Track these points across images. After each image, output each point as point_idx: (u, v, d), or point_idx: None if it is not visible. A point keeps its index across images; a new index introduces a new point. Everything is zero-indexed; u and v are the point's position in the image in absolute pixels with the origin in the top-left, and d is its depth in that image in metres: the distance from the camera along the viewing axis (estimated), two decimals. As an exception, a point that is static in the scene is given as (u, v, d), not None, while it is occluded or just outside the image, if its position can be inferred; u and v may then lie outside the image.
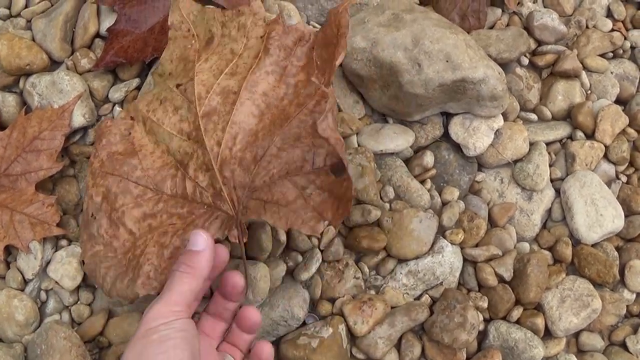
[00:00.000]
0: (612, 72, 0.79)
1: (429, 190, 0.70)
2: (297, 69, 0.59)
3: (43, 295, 0.69)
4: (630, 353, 0.71)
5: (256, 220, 0.54)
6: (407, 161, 0.71)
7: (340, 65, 0.69)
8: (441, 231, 0.69)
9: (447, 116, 0.72)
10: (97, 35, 0.74)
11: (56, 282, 0.69)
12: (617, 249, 0.73)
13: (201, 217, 0.56)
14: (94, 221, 0.59)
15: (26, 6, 0.79)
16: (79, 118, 0.70)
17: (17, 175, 0.71)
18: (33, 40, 0.75)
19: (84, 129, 0.72)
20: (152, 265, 0.54)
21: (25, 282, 0.69)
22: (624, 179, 0.76)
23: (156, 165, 0.59)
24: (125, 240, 0.57)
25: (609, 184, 0.74)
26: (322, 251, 0.67)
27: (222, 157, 0.57)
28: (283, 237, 0.66)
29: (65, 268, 0.68)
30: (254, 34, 0.61)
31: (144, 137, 0.61)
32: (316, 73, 0.58)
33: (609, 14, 0.82)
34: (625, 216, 0.73)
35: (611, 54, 0.80)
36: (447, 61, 0.67)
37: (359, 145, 0.69)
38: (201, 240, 0.50)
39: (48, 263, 0.69)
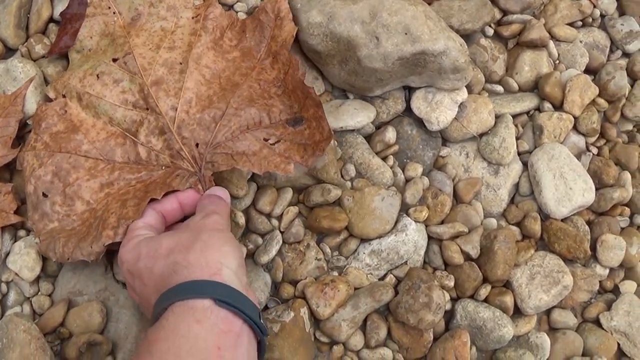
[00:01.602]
0: (581, 42, 0.73)
1: (391, 167, 0.64)
2: (231, 48, 0.62)
3: (4, 287, 0.64)
4: (604, 330, 0.65)
5: (227, 169, 0.56)
6: (369, 138, 0.65)
7: (297, 41, 0.64)
8: (405, 209, 0.63)
9: (409, 90, 0.66)
10: (51, 20, 0.69)
11: (16, 273, 0.64)
12: (588, 223, 0.67)
13: (160, 177, 0.56)
14: (45, 200, 0.57)
15: None
16: (34, 105, 0.65)
17: None
18: (-14, 28, 0.69)
19: (40, 116, 0.67)
20: (115, 215, 0.54)
21: (-14, 274, 0.64)
22: (594, 150, 0.70)
23: (101, 137, 0.58)
24: (83, 211, 0.57)
25: (578, 156, 0.68)
26: (282, 232, 0.62)
27: (180, 119, 0.58)
28: (242, 220, 0.61)
29: (24, 259, 0.63)
30: (185, 14, 0.63)
31: (80, 112, 0.60)
32: (252, 50, 0.62)
33: (578, -18, 0.75)
34: (597, 189, 0.67)
35: (580, 23, 0.74)
36: (405, 34, 0.61)
37: (318, 122, 0.63)
38: (225, 193, 0.55)
39: (7, 254, 0.64)
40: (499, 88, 0.69)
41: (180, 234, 0.48)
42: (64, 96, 0.61)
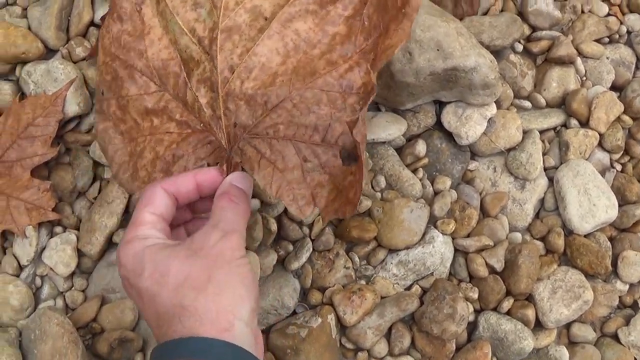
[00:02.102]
0: (607, 58, 0.73)
1: (420, 180, 0.64)
2: (340, 18, 0.48)
3: (38, 281, 0.66)
4: (622, 345, 0.65)
5: (249, 171, 0.48)
6: (399, 150, 0.65)
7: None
8: (432, 221, 0.64)
9: (440, 104, 0.66)
10: (92, 23, 0.70)
11: (51, 268, 0.65)
12: (610, 239, 0.68)
13: (196, 134, 0.50)
14: (103, 98, 0.53)
15: (22, -5, 0.73)
16: (74, 107, 0.66)
17: (12, 162, 0.67)
18: (29, 28, 0.70)
19: (79, 118, 0.68)
20: (146, 171, 0.50)
21: (21, 268, 0.65)
22: (618, 167, 0.70)
23: (162, 55, 0.51)
24: (131, 127, 0.51)
25: (603, 172, 0.68)
26: (313, 240, 0.63)
27: (231, 86, 0.49)
28: (274, 227, 0.61)
29: (60, 255, 0.64)
30: None
31: (153, 17, 0.51)
32: (359, 34, 0.48)
33: (605, -2, 0.75)
34: (619, 205, 0.67)
35: (607, 39, 0.74)
36: (438, 50, 0.61)
37: (350, 135, 0.63)
38: (250, 183, 0.47)
39: (43, 249, 0.65)
40: (527, 104, 0.69)
41: (192, 262, 0.40)
42: None
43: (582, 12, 0.73)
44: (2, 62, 0.69)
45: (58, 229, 0.66)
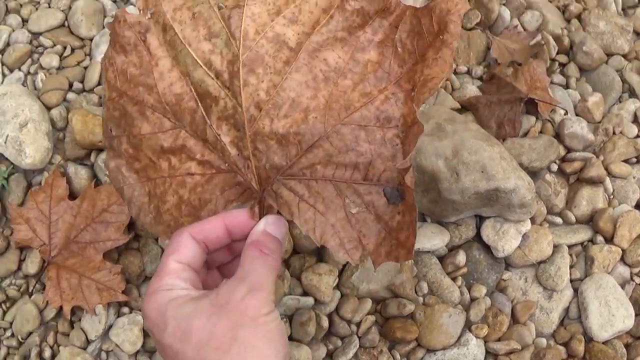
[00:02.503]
0: (634, 177, 0.83)
1: (459, 287, 0.75)
2: (370, 44, 0.46)
3: (104, 355, 0.75)
4: None
5: (286, 216, 0.46)
6: (441, 259, 0.76)
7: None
8: (467, 325, 0.74)
9: (480, 218, 0.77)
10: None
11: (117, 345, 0.75)
12: (626, 345, 0.78)
13: (221, 175, 0.47)
14: (112, 136, 0.50)
15: (99, 83, 0.84)
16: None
17: (86, 243, 0.77)
18: (105, 117, 0.80)
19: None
20: (171, 216, 0.48)
21: (88, 342, 0.75)
22: (637, 280, 0.80)
23: (175, 89, 0.47)
24: (147, 165, 0.49)
25: (623, 285, 0.79)
26: (359, 338, 0.73)
27: (259, 125, 0.46)
28: (325, 324, 0.72)
29: (127, 334, 0.74)
30: None
31: (159, 47, 0.48)
32: (392, 61, 0.46)
33: (635, 119, 0.86)
34: (636, 315, 0.78)
35: (635, 159, 0.84)
36: (482, 172, 0.72)
37: (398, 244, 0.74)
38: (285, 228, 0.46)
39: (110, 327, 0.75)
40: (559, 220, 0.79)
41: (216, 320, 0.39)
42: (150, 15, 0.49)
43: (614, 133, 0.84)
44: (79, 147, 0.80)
45: (125, 309, 0.76)
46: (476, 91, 0.82)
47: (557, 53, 0.86)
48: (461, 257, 0.76)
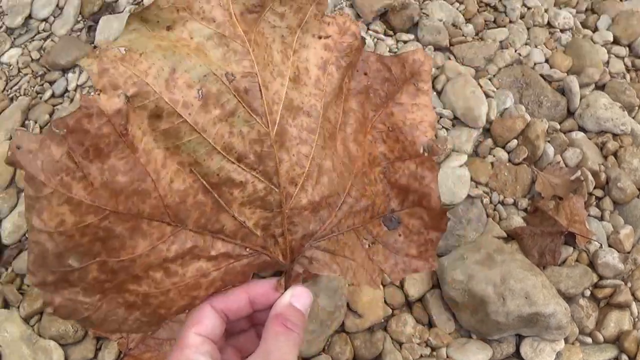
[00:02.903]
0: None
1: (499, 399, 0.90)
2: (349, 93, 0.49)
3: None
4: None
5: (322, 273, 0.47)
6: (484, 372, 0.91)
7: (439, 288, 0.90)
8: None
9: (519, 337, 0.92)
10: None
11: None
12: None
13: (243, 260, 0.44)
14: (74, 270, 0.40)
15: None
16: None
17: (163, 340, 0.90)
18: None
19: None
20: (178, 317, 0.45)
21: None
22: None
23: (177, 186, 0.42)
24: (127, 281, 0.42)
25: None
26: None
27: (297, 200, 0.45)
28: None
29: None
30: (313, 30, 0.47)
31: (145, 136, 0.40)
32: (367, 107, 0.49)
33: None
34: None
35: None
36: (526, 298, 0.87)
37: (447, 357, 0.89)
38: (310, 300, 0.45)
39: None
40: (589, 340, 0.95)
41: None
42: (128, 99, 0.39)
43: (641, 263, 1.00)
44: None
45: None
46: (521, 222, 0.98)
47: (594, 187, 1.02)
48: (502, 371, 0.91)
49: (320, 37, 0.47)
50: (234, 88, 0.42)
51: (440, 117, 1.04)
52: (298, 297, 0.44)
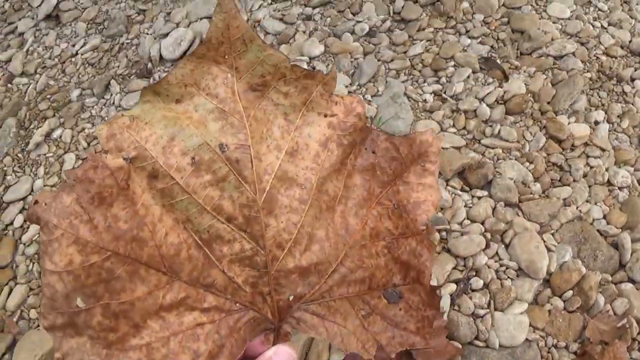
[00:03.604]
0: None
1: None
2: (354, 169, 0.54)
3: None
4: None
5: (310, 335, 0.52)
6: None
7: None
8: None
9: None
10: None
11: None
12: None
13: (233, 315, 0.51)
14: (75, 312, 0.47)
15: None
16: None
17: None
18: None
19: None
20: None
21: None
22: None
23: (171, 239, 0.49)
24: (127, 333, 0.48)
25: None
26: None
27: (283, 264, 0.51)
28: None
29: None
30: (318, 108, 0.53)
31: (144, 193, 0.49)
32: (373, 184, 0.55)
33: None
34: None
35: None
36: None
37: None
38: (287, 355, 0.50)
39: None
40: None
41: None
42: (130, 160, 0.49)
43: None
44: None
45: None
46: (571, 365, 1.29)
47: (638, 333, 1.32)
48: None
49: (325, 115, 0.53)
50: (226, 157, 0.50)
51: (507, 268, 1.38)
52: (280, 355, 0.50)
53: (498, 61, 1.79)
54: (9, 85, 2.08)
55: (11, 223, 1.67)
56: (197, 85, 0.51)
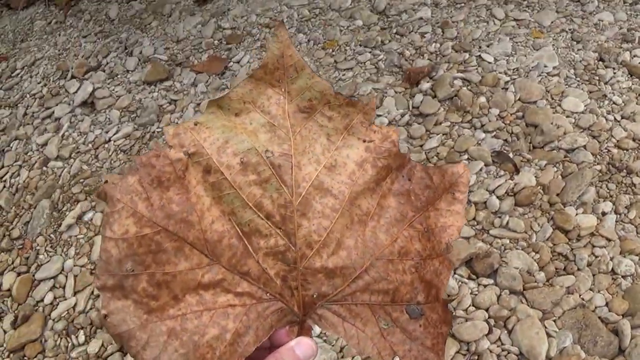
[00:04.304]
0: None
1: None
2: (390, 192, 0.63)
3: None
4: None
5: (329, 332, 0.60)
6: None
7: None
8: None
9: None
10: None
11: None
12: None
13: (263, 303, 0.59)
14: (124, 275, 0.56)
15: None
16: None
17: None
18: None
19: None
20: (209, 348, 0.56)
21: None
22: None
23: (216, 227, 0.59)
24: (166, 304, 0.56)
25: None
26: None
27: (311, 262, 0.60)
28: None
29: None
30: (358, 134, 0.63)
31: (199, 184, 0.59)
32: (408, 208, 0.63)
33: None
34: None
35: None
36: None
37: None
38: (312, 352, 0.57)
39: None
40: None
41: None
42: (189, 155, 0.59)
43: None
44: None
45: None
46: None
47: (634, 418, 1.49)
48: None
49: (364, 141, 0.62)
50: (270, 162, 0.60)
51: (508, 353, 1.58)
52: (301, 345, 0.57)
53: (510, 155, 2.03)
54: (44, 168, 2.35)
55: (42, 300, 1.89)
56: (254, 103, 0.62)
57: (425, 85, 2.29)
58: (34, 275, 1.98)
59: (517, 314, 1.64)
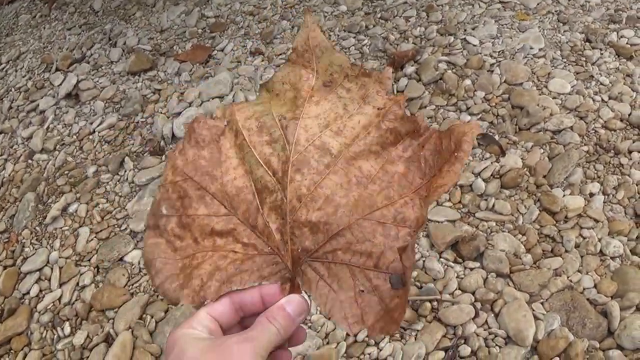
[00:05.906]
0: None
1: None
2: (399, 159, 0.64)
3: None
4: None
5: (307, 293, 0.61)
6: None
7: None
8: None
9: None
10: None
11: None
12: None
13: (262, 256, 0.62)
14: (162, 215, 0.65)
15: None
16: None
17: None
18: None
19: None
20: (201, 281, 0.61)
21: None
22: None
23: (237, 183, 0.65)
24: (188, 245, 0.64)
25: None
26: None
27: (298, 215, 0.63)
28: None
29: None
30: (374, 102, 0.68)
31: (232, 148, 0.67)
32: (416, 174, 0.63)
33: None
34: None
35: None
36: None
37: None
38: (303, 309, 0.59)
39: None
40: None
41: (206, 355, 0.53)
42: (227, 123, 0.68)
43: None
44: None
45: None
46: None
47: (623, 400, 1.46)
48: None
49: (378, 109, 0.67)
50: (281, 125, 0.67)
51: (495, 336, 1.54)
52: (291, 302, 0.59)
53: (496, 137, 1.99)
54: (30, 161, 2.32)
55: (28, 292, 1.86)
56: (291, 84, 0.71)
57: (410, 69, 2.26)
58: (19, 268, 1.95)
59: (503, 297, 1.61)
